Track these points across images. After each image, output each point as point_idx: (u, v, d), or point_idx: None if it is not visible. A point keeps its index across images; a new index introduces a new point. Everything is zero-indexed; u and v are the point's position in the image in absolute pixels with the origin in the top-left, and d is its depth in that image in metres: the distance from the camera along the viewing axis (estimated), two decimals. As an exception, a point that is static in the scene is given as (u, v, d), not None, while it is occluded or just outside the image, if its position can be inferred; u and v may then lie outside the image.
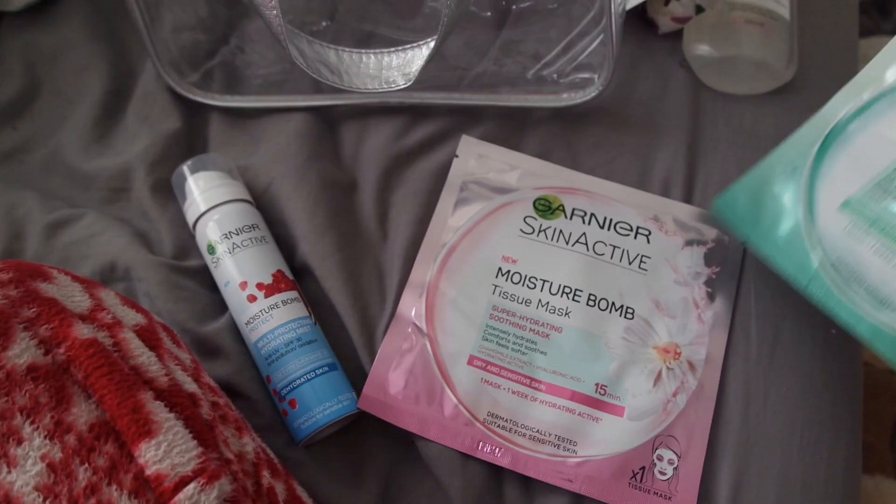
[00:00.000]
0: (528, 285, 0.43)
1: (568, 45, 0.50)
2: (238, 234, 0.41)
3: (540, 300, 0.43)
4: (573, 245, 0.44)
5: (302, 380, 0.39)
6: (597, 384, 0.41)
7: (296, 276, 0.43)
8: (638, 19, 0.54)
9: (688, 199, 0.47)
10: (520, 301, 0.43)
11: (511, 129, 0.49)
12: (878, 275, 0.35)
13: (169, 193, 0.45)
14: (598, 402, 0.41)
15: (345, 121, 0.49)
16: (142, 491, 0.25)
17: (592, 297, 0.43)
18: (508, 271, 0.43)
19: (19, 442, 0.25)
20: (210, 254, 0.42)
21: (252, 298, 0.40)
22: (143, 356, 0.29)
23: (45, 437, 0.25)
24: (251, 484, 0.29)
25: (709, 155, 0.49)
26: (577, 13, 0.50)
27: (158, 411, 0.27)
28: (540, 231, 0.45)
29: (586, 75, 0.49)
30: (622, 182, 0.48)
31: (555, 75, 0.50)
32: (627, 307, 0.43)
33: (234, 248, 0.41)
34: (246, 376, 0.40)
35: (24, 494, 0.24)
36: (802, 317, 0.44)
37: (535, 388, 0.41)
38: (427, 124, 0.49)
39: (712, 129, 0.50)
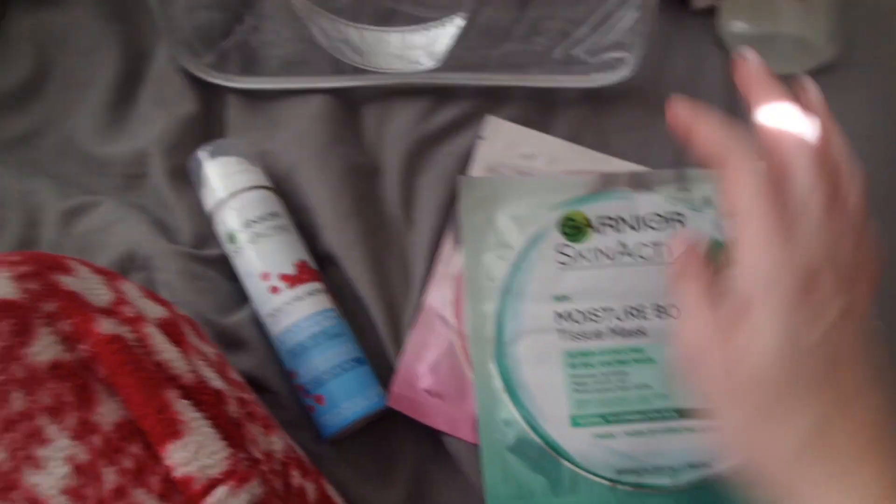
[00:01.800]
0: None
1: (598, 21, 0.48)
2: (259, 223, 0.40)
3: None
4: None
5: (328, 375, 0.38)
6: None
7: (319, 265, 0.42)
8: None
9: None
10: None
11: (539, 110, 0.48)
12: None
13: (186, 179, 0.44)
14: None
15: (366, 102, 0.48)
16: (170, 494, 0.24)
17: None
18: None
19: (44, 443, 0.24)
20: (230, 243, 0.41)
21: (274, 290, 0.39)
22: (167, 352, 0.28)
23: (70, 438, 0.24)
24: (280, 484, 0.29)
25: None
26: None
27: (185, 410, 0.26)
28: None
29: (617, 54, 0.48)
30: (655, 167, 0.46)
31: (584, 54, 0.49)
32: None
33: (254, 237, 0.40)
34: (269, 370, 0.40)
35: (51, 497, 0.23)
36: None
37: None
38: (452, 106, 0.47)
39: (748, 109, 0.49)
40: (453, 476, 0.40)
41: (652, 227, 0.43)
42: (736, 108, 0.48)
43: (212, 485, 0.25)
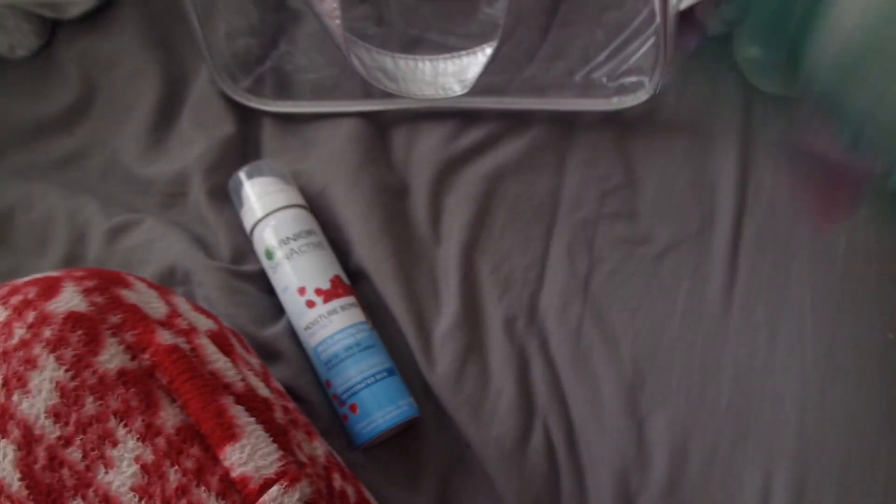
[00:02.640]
0: None
1: (618, 46, 0.50)
2: (295, 240, 0.43)
3: None
4: None
5: (361, 385, 0.40)
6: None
7: (350, 280, 0.45)
8: (686, 21, 0.54)
9: (741, 202, 0.48)
10: None
11: (560, 133, 0.50)
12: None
13: (225, 198, 0.46)
14: None
15: (395, 125, 0.50)
16: (228, 492, 0.26)
17: None
18: None
19: (114, 444, 0.26)
20: (268, 259, 0.43)
21: (310, 304, 0.41)
22: (219, 361, 0.30)
23: (137, 440, 0.26)
24: (324, 487, 0.30)
25: (761, 159, 0.50)
26: (627, 14, 0.50)
27: (240, 415, 0.28)
28: None
29: (636, 78, 0.50)
30: (673, 188, 0.48)
31: (604, 78, 0.51)
32: None
33: (291, 254, 0.42)
34: (305, 380, 0.42)
35: (122, 495, 0.25)
36: (859, 321, 0.44)
37: None
38: (477, 129, 0.50)
39: (764, 132, 0.51)
40: (480, 482, 0.41)
41: None
42: (750, 133, 0.51)
43: (267, 484, 0.27)
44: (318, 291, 0.42)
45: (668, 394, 0.43)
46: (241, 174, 0.45)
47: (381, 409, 0.40)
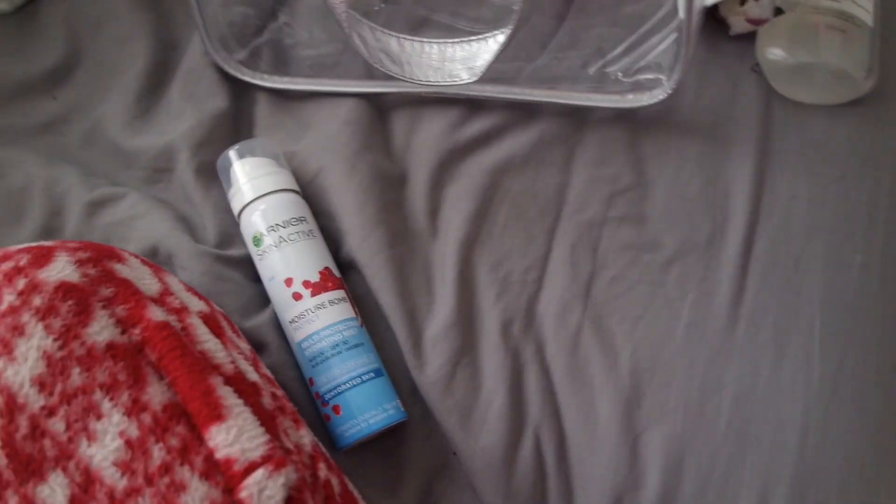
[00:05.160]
0: None
1: (636, 41, 0.52)
2: (285, 227, 0.44)
3: None
4: None
5: (347, 385, 0.42)
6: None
7: (340, 271, 0.47)
8: (707, 18, 0.56)
9: (755, 212, 0.50)
10: None
11: (570, 128, 0.52)
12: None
13: (213, 176, 0.49)
14: None
15: (396, 109, 0.52)
16: (212, 473, 0.29)
17: None
18: None
19: (99, 417, 0.28)
20: (256, 245, 0.45)
21: (297, 296, 0.43)
22: (209, 342, 0.33)
23: (123, 414, 0.29)
24: (309, 475, 0.33)
25: (777, 167, 0.52)
26: (648, 7, 0.51)
27: (228, 396, 0.30)
28: None
29: (652, 76, 0.52)
30: (685, 193, 0.51)
31: (619, 73, 0.53)
32: None
33: (280, 242, 0.44)
34: (287, 375, 0.44)
35: (103, 469, 0.28)
36: (869, 345, 0.46)
37: None
38: (482, 118, 0.52)
39: (783, 139, 0.53)
40: (463, 490, 0.44)
41: None
42: (770, 136, 0.53)
43: (251, 467, 0.29)
44: (307, 284, 0.43)
45: (666, 410, 0.45)
46: (232, 153, 0.47)
47: (366, 412, 0.42)
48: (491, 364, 0.45)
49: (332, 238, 0.48)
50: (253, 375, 0.34)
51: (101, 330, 0.30)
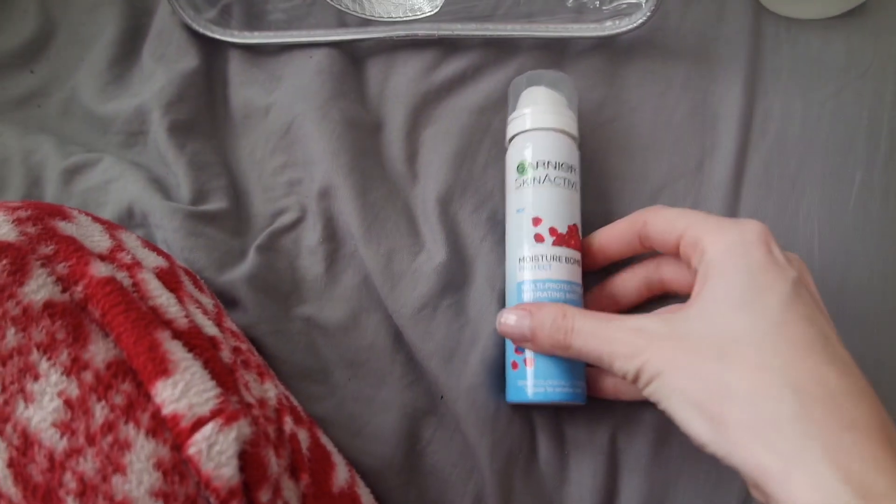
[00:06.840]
0: None
1: (613, -34, 0.49)
2: (555, 169, 0.41)
3: None
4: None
5: None
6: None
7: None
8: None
9: (746, 135, 0.46)
10: None
11: (549, 62, 0.49)
12: None
13: (186, 135, 0.46)
14: None
15: (370, 57, 0.49)
16: (159, 430, 0.26)
17: None
18: None
19: (36, 378, 0.26)
20: (518, 173, 0.42)
21: (539, 238, 0.40)
22: (161, 297, 0.30)
23: (61, 374, 0.26)
24: (273, 430, 0.30)
25: (769, 86, 0.48)
26: None
27: (176, 350, 0.28)
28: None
29: (632, 0, 0.48)
30: (671, 119, 0.47)
31: (597, 2, 0.49)
32: None
33: (544, 179, 0.41)
34: (262, 329, 0.41)
35: (42, 430, 0.25)
36: (871, 265, 0.43)
37: None
38: (458, 58, 0.48)
39: (774, 57, 0.49)
40: (453, 435, 0.41)
41: None
42: (760, 55, 0.49)
43: (200, 423, 0.26)
44: (553, 231, 0.40)
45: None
46: (531, 76, 0.44)
47: (556, 378, 0.38)
48: (475, 306, 0.42)
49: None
50: (212, 329, 0.31)
51: (38, 289, 0.27)
